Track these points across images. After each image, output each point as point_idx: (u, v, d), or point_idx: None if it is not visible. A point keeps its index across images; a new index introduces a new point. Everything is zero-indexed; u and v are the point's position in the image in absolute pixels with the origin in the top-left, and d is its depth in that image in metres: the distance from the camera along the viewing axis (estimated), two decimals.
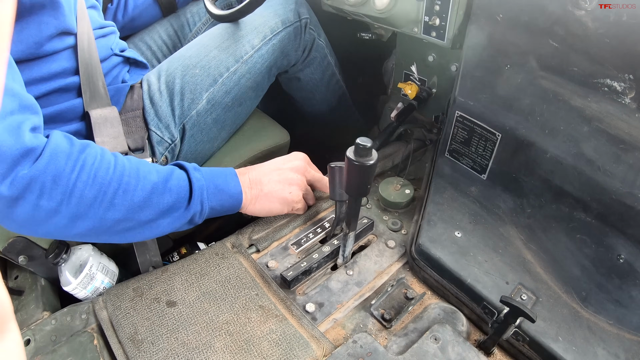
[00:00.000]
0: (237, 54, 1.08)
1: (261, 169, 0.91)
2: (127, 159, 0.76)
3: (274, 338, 0.75)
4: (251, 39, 1.10)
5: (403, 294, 0.82)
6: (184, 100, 1.02)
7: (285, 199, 0.90)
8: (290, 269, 0.84)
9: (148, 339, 0.75)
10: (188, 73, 1.03)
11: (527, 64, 0.81)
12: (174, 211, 0.78)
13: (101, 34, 1.00)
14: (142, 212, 0.74)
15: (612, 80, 0.71)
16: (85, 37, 0.92)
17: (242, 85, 1.10)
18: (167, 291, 0.82)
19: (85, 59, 0.91)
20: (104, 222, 0.72)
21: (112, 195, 0.71)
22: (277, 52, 1.15)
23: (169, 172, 0.78)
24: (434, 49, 1.07)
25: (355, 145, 0.63)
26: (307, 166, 0.96)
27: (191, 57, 1.06)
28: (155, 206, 0.75)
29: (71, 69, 0.90)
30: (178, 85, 1.02)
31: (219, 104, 1.07)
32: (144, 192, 0.74)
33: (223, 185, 0.83)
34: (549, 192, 0.82)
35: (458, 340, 0.72)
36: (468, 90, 0.89)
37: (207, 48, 1.07)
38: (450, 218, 0.88)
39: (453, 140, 0.95)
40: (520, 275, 0.79)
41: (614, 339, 0.72)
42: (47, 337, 0.79)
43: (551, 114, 0.79)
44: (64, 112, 0.89)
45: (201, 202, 0.80)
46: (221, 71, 1.06)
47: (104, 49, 0.98)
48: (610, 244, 0.76)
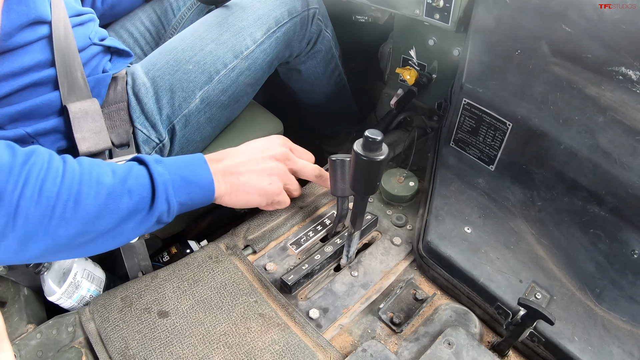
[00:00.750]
0: (236, 49, 0.97)
1: (237, 156, 0.80)
2: (78, 163, 0.65)
3: (276, 349, 0.70)
4: (253, 31, 0.99)
5: (412, 295, 0.78)
6: (175, 99, 0.93)
7: (265, 190, 0.80)
8: (290, 272, 0.78)
9: (140, 354, 0.69)
10: (180, 69, 0.93)
11: (539, 49, 0.76)
12: (137, 214, 0.67)
13: (78, 22, 0.89)
14: (100, 221, 0.64)
15: (627, 68, 0.67)
16: (61, 25, 0.82)
17: (240, 83, 1.00)
18: (158, 300, 0.76)
19: (61, 48, 0.81)
20: (58, 240, 0.62)
21: (62, 209, 0.60)
22: (280, 45, 1.05)
23: (126, 171, 0.68)
24: (435, 32, 1.01)
25: (364, 138, 0.56)
26: (289, 153, 0.84)
27: (184, 50, 0.95)
28: (114, 213, 0.65)
29: (46, 61, 0.81)
30: (168, 82, 0.92)
31: (214, 103, 0.98)
32: (98, 199, 0.63)
33: (191, 176, 0.72)
34: (562, 184, 0.77)
35: (472, 344, 0.68)
36: (476, 76, 0.83)
37: (202, 41, 0.96)
38: (458, 212, 0.83)
39: (459, 130, 0.89)
40: (533, 273, 0.75)
41: (629, 337, 0.69)
42: (32, 353, 0.73)
43: (565, 102, 0.74)
44: (39, 107, 0.80)
45: (167, 199, 0.69)
46: (218, 68, 0.96)
47: (82, 39, 0.88)
48: (625, 239, 0.72)
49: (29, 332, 0.76)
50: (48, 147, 0.82)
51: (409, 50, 1.06)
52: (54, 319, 0.76)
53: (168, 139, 0.94)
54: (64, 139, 0.85)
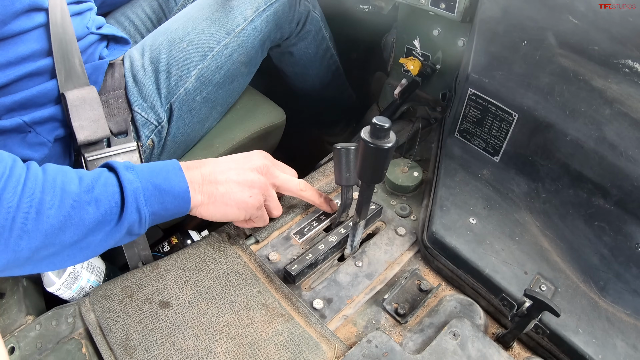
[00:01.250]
0: (228, 27, 0.97)
1: (217, 165, 0.75)
2: (42, 170, 0.60)
3: (280, 340, 0.68)
4: (243, 9, 0.99)
5: (417, 286, 0.77)
6: (171, 78, 0.92)
7: (245, 203, 0.74)
8: (294, 262, 0.77)
9: (141, 345, 0.68)
10: (175, 48, 0.93)
11: (545, 40, 0.75)
12: (105, 225, 0.62)
13: (77, 11, 0.87)
14: (64, 233, 0.59)
15: (634, 61, 0.67)
16: (58, 11, 0.80)
17: (234, 60, 1.00)
18: (159, 290, 0.74)
19: (58, 34, 0.79)
20: (19, 254, 0.57)
21: (23, 221, 0.55)
22: (270, 24, 1.05)
23: (94, 179, 0.62)
24: (440, 22, 0.99)
25: (372, 125, 0.55)
26: (271, 167, 0.79)
27: (177, 30, 0.95)
28: (79, 224, 0.59)
29: (42, 50, 0.79)
30: (164, 62, 0.92)
31: (209, 81, 0.97)
32: (62, 209, 0.58)
33: (164, 183, 0.66)
34: (567, 176, 0.76)
35: (477, 335, 0.67)
36: (482, 66, 0.82)
37: (195, 20, 0.96)
38: (463, 203, 0.82)
39: (464, 120, 0.88)
40: (538, 265, 0.75)
41: (632, 330, 0.68)
42: (32, 345, 0.71)
43: (572, 94, 0.73)
44: (36, 97, 0.78)
45: (138, 209, 0.64)
46: (211, 45, 0.96)
47: (80, 28, 0.87)
48: (630, 232, 0.71)
49: (28, 323, 0.75)
50: (45, 136, 0.80)
51: (413, 40, 1.05)
52: (53, 310, 0.75)
53: (166, 120, 0.93)
54: (61, 127, 0.83)
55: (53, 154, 0.84)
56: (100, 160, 0.83)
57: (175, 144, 0.99)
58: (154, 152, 0.95)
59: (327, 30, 1.24)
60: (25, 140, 0.79)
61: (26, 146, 0.80)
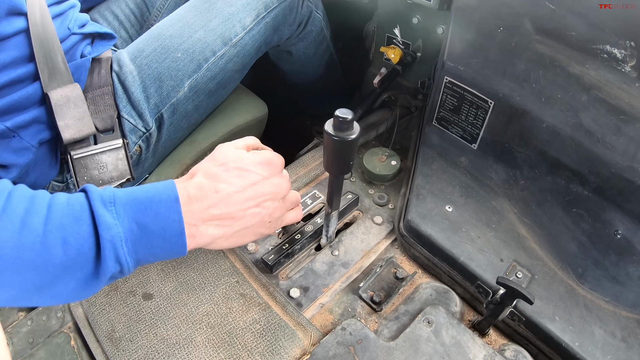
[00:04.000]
0: (225, 36, 0.91)
1: (229, 196, 0.56)
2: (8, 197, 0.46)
3: (257, 328, 0.68)
4: (242, 17, 0.93)
5: (393, 274, 0.75)
6: (163, 88, 0.87)
7: (263, 234, 0.64)
8: (271, 251, 0.76)
9: (126, 337, 0.68)
10: (169, 57, 0.87)
11: (522, 26, 0.72)
12: (76, 272, 0.48)
13: (58, 12, 0.83)
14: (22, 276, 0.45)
15: (612, 47, 0.64)
16: (38, 13, 0.76)
17: (228, 70, 0.94)
18: (142, 283, 0.74)
19: (39, 34, 0.75)
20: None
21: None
22: (269, 30, 0.99)
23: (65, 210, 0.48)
24: (419, 10, 0.95)
25: (334, 118, 0.53)
26: (284, 182, 0.64)
27: (172, 37, 0.89)
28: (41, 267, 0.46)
29: (24, 56, 0.75)
30: (156, 71, 0.87)
31: (202, 91, 0.92)
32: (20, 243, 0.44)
33: (152, 223, 0.50)
34: (545, 163, 0.74)
35: (452, 322, 0.66)
36: (458, 54, 0.79)
37: (191, 27, 0.90)
38: (440, 191, 0.80)
39: (441, 108, 0.85)
40: (514, 252, 0.73)
41: (611, 317, 0.66)
42: (24, 340, 0.72)
43: (548, 81, 0.70)
44: (19, 102, 0.74)
45: (117, 259, 0.49)
46: (207, 56, 0.90)
47: (61, 30, 0.82)
48: (608, 219, 0.69)
49: (20, 319, 0.75)
50: (30, 140, 0.77)
51: (393, 28, 1.02)
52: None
53: (155, 128, 0.89)
54: (46, 129, 0.79)
55: (38, 158, 0.80)
56: (87, 158, 0.80)
57: (165, 148, 0.95)
58: (142, 156, 0.91)
59: (328, 30, 1.18)
60: (9, 145, 0.75)
61: (10, 151, 0.75)
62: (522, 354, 0.65)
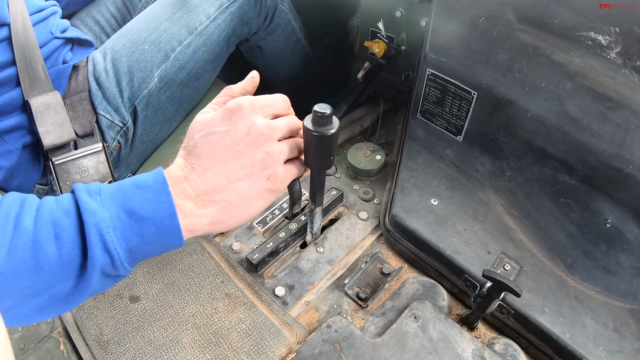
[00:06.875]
0: (190, 26, 0.92)
1: (206, 169, 0.49)
2: None
3: (243, 328, 0.65)
4: (206, 7, 0.93)
5: (378, 270, 0.72)
6: (134, 80, 0.87)
7: (271, 192, 0.53)
8: (255, 250, 0.73)
9: (114, 340, 0.66)
10: (137, 50, 0.88)
11: (504, 16, 0.69)
12: (71, 269, 0.44)
13: (39, 19, 0.83)
14: (14, 281, 0.42)
15: (597, 33, 0.61)
16: (20, 22, 0.76)
17: (197, 59, 0.94)
18: (129, 285, 0.71)
19: (20, 43, 0.76)
20: None
21: None
22: (235, 20, 0.98)
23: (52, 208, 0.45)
24: (401, 3, 0.92)
25: (313, 113, 0.50)
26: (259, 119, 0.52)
27: (139, 31, 0.89)
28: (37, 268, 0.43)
29: (6, 62, 0.76)
30: (126, 64, 0.87)
31: (172, 81, 0.92)
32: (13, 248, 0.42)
33: (142, 209, 0.45)
34: (531, 153, 0.71)
35: (439, 317, 0.63)
36: (440, 45, 0.76)
37: (156, 20, 0.90)
38: (425, 184, 0.77)
39: (425, 101, 0.82)
40: (502, 244, 0.70)
41: (602, 308, 0.63)
42: (15, 346, 0.70)
43: (531, 69, 0.67)
44: (2, 106, 0.75)
45: (105, 248, 0.44)
46: (173, 45, 0.90)
47: (43, 35, 0.83)
48: (597, 208, 0.66)
49: None
50: (13, 143, 0.77)
51: (377, 22, 0.99)
52: None
53: (131, 121, 0.89)
54: (28, 134, 0.80)
55: (22, 161, 0.81)
56: (68, 164, 0.80)
57: (143, 143, 0.94)
58: (121, 152, 0.91)
59: (296, 22, 1.17)
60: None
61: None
62: (512, 347, 0.63)
